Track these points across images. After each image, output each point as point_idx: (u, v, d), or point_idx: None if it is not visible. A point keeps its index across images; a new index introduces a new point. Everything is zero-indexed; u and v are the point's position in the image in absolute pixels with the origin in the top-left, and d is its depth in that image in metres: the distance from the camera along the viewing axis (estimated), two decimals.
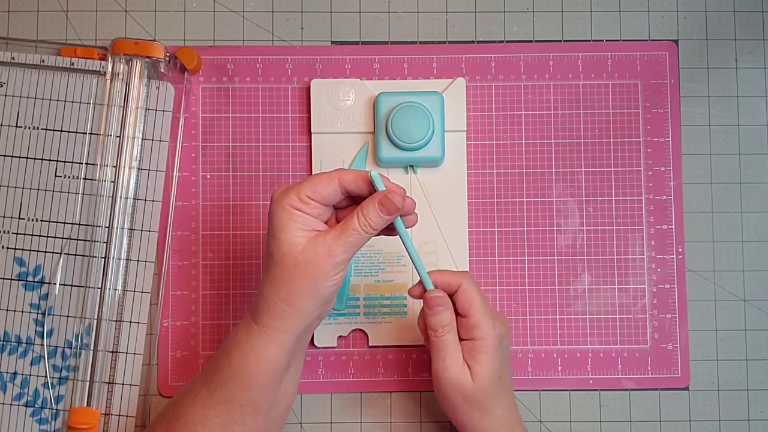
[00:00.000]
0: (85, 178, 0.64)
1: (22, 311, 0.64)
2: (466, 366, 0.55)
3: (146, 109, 0.65)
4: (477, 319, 0.55)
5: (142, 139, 0.64)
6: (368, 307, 0.64)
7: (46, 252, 0.64)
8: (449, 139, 0.64)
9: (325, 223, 0.53)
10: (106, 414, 0.63)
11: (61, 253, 0.64)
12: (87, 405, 0.62)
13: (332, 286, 0.52)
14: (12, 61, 0.65)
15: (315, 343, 0.64)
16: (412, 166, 0.65)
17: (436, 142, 0.63)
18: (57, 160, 0.64)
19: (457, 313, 0.56)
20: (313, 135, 0.65)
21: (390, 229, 0.54)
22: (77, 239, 0.64)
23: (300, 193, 0.51)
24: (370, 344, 0.65)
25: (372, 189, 0.52)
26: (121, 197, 0.64)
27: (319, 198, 0.52)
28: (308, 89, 0.65)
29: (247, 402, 0.53)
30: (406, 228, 0.54)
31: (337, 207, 0.55)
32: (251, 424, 0.53)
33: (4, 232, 0.64)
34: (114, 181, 0.64)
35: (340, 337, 0.64)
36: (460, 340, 0.56)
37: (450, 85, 0.65)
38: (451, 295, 0.56)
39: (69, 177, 0.64)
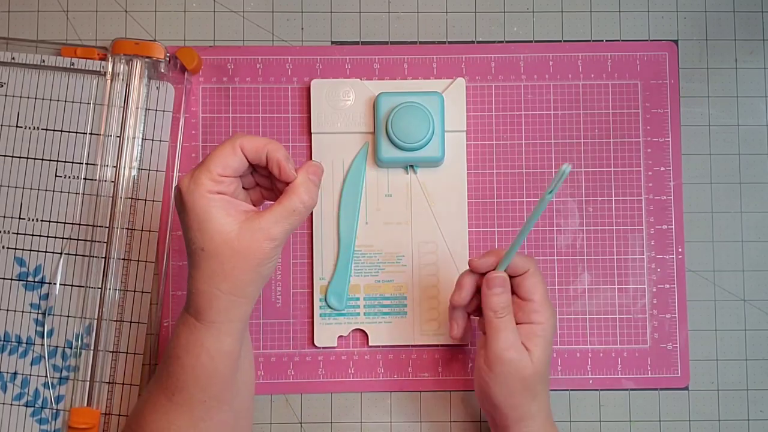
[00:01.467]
0: (85, 178, 0.64)
1: (23, 311, 0.64)
2: (524, 348, 0.55)
3: (146, 109, 0.65)
4: (540, 305, 0.55)
5: (143, 139, 0.65)
6: (368, 307, 0.64)
7: (46, 252, 0.64)
8: (449, 139, 0.64)
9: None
10: (106, 414, 0.63)
11: (61, 253, 0.64)
12: (87, 405, 0.62)
13: (274, 266, 0.51)
14: (12, 61, 0.65)
15: (315, 343, 0.64)
16: (412, 166, 0.65)
17: (436, 142, 0.63)
18: (57, 160, 0.64)
19: (519, 297, 0.56)
20: (313, 135, 0.65)
21: None
22: (77, 239, 0.64)
23: (212, 174, 0.49)
24: (370, 344, 0.65)
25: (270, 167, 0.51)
26: (121, 197, 0.64)
27: (231, 172, 0.50)
28: (308, 89, 0.65)
29: (208, 398, 0.52)
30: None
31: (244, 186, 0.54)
32: (217, 416, 0.53)
33: (4, 232, 0.64)
34: (114, 181, 0.64)
35: (340, 337, 0.64)
36: (517, 323, 0.56)
37: (450, 85, 0.65)
38: (514, 277, 0.56)
39: (69, 177, 0.64)
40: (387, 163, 0.64)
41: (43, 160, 0.64)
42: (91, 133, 0.65)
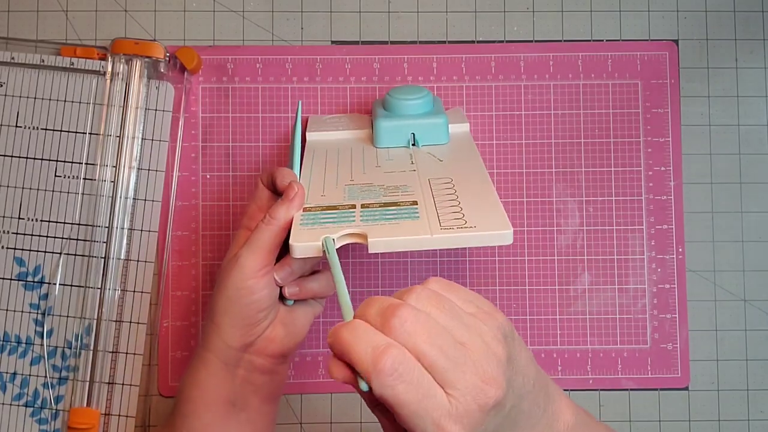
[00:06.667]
0: (85, 178, 0.64)
1: (22, 311, 0.64)
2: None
3: (146, 109, 0.65)
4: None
5: (142, 139, 0.64)
6: (366, 214, 0.50)
7: (46, 252, 0.64)
8: (453, 129, 0.61)
9: None
10: (106, 414, 0.63)
11: (61, 253, 0.64)
12: (87, 405, 0.62)
13: (249, 303, 0.51)
14: (12, 61, 0.65)
15: (293, 254, 0.47)
16: (414, 144, 0.60)
17: (439, 118, 0.59)
18: (57, 160, 0.64)
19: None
20: (308, 133, 0.63)
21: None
22: (77, 239, 0.64)
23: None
24: (369, 251, 0.47)
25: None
26: (121, 197, 0.64)
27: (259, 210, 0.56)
28: (308, 89, 0.65)
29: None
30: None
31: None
32: None
33: (4, 232, 0.64)
34: (114, 181, 0.64)
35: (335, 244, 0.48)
36: None
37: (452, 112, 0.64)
38: None
39: (69, 177, 0.64)
40: (387, 134, 0.59)
41: (42, 159, 0.64)
42: (90, 133, 0.65)
